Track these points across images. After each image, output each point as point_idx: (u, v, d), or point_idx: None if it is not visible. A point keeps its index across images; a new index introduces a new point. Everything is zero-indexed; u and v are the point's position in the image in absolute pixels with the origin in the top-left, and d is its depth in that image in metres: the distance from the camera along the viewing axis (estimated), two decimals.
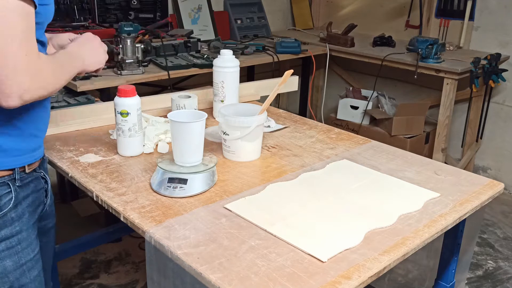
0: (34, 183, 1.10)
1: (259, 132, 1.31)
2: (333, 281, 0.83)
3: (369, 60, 3.09)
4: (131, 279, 2.22)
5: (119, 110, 1.28)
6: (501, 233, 2.73)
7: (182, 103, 1.51)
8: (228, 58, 1.57)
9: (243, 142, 1.29)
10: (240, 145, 1.29)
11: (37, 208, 1.12)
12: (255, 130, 1.28)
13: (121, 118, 1.28)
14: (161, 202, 1.09)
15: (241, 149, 1.30)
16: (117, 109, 1.28)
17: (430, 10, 3.33)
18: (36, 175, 1.10)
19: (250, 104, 1.44)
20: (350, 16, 3.78)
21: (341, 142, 1.48)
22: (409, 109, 3.10)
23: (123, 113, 1.27)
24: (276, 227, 0.98)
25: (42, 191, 1.14)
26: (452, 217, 1.06)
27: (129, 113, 1.27)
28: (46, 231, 1.22)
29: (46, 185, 1.15)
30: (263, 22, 3.52)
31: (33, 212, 1.09)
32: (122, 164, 1.28)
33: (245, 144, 1.29)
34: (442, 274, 1.32)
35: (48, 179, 1.16)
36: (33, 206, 1.09)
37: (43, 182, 1.14)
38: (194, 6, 3.16)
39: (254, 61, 2.85)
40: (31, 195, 1.08)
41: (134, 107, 1.28)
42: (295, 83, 1.95)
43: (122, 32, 2.20)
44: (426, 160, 1.37)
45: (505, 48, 3.03)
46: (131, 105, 1.27)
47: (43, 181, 1.14)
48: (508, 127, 3.14)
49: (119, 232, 2.12)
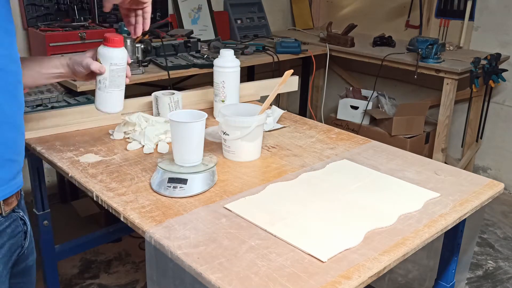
0: (11, 228, 0.95)
1: (259, 132, 1.31)
2: (333, 281, 0.83)
3: (369, 60, 3.10)
4: (131, 279, 2.22)
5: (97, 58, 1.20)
6: (501, 233, 2.73)
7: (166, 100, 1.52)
8: (228, 58, 1.57)
9: (243, 142, 1.29)
10: (240, 145, 1.29)
11: (12, 255, 0.97)
12: (255, 130, 1.28)
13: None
14: (161, 202, 1.09)
15: (241, 149, 1.30)
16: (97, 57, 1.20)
17: (430, 10, 3.33)
18: (14, 216, 0.96)
19: (251, 104, 1.44)
20: (350, 16, 3.78)
21: (341, 142, 1.48)
22: (409, 109, 3.10)
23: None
24: (276, 227, 0.98)
25: (21, 234, 0.99)
26: (452, 217, 1.06)
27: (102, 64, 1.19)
28: (26, 271, 1.08)
29: (25, 227, 1.00)
30: (263, 22, 3.52)
31: (7, 262, 0.95)
32: (122, 164, 1.28)
33: (245, 144, 1.29)
34: (442, 274, 1.32)
35: (26, 220, 1.00)
36: (8, 255, 0.95)
37: (21, 224, 0.98)
38: (194, 6, 3.16)
39: (254, 61, 2.85)
40: (8, 242, 0.94)
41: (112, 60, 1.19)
42: (295, 83, 1.95)
43: (122, 32, 2.21)
44: (426, 160, 1.37)
45: (505, 48, 3.03)
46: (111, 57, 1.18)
47: (21, 222, 0.98)
48: (508, 127, 3.14)
49: (119, 232, 2.12)
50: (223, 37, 3.23)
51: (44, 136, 1.43)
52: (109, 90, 1.22)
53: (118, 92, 1.24)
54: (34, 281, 1.14)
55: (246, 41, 3.21)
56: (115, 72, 1.20)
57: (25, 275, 1.08)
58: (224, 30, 3.32)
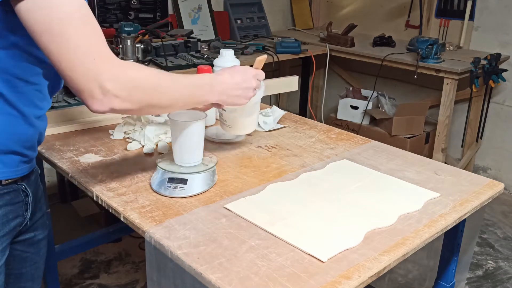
0: (10, 196, 1.02)
1: (256, 107, 1.30)
2: (333, 281, 0.83)
3: (369, 60, 3.10)
4: (131, 279, 2.22)
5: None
6: (501, 233, 2.73)
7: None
8: (228, 58, 1.57)
9: (240, 117, 1.28)
10: (236, 119, 1.29)
11: (10, 222, 1.03)
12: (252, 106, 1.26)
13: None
14: (161, 202, 1.09)
15: (237, 123, 1.29)
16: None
17: (430, 10, 3.33)
18: (15, 187, 1.03)
19: None
20: (350, 16, 3.78)
21: (341, 142, 1.48)
22: (409, 109, 3.10)
23: None
24: (276, 227, 0.98)
25: (21, 204, 1.06)
26: (452, 217, 1.06)
27: None
28: (34, 243, 1.17)
29: (27, 199, 1.07)
30: (263, 22, 3.52)
31: (1, 226, 1.01)
32: (122, 164, 1.28)
33: (241, 118, 1.28)
34: (442, 274, 1.32)
35: (29, 192, 1.07)
36: (2, 219, 1.01)
37: (22, 196, 1.05)
38: (194, 6, 3.16)
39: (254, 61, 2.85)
40: (3, 207, 1.00)
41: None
42: (295, 83, 1.95)
43: (122, 32, 2.21)
44: (426, 160, 1.37)
45: (505, 48, 3.03)
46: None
47: (23, 194, 1.05)
48: (508, 127, 3.14)
49: (119, 232, 2.12)
50: (223, 37, 3.23)
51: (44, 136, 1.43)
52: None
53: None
54: (44, 256, 1.23)
55: (246, 41, 3.21)
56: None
57: (32, 246, 1.16)
58: (224, 30, 3.32)
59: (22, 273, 1.17)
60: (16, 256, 1.13)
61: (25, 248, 1.15)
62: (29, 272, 1.19)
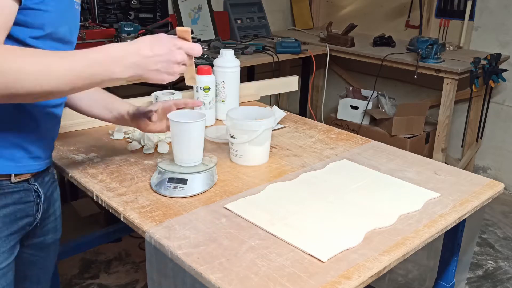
0: (20, 195, 1.00)
1: (267, 136, 1.29)
2: (333, 281, 0.83)
3: (369, 60, 3.10)
4: (131, 279, 2.22)
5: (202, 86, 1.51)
6: (501, 233, 2.73)
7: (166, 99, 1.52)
8: (229, 58, 1.58)
9: (251, 146, 1.26)
10: (247, 149, 1.26)
11: (18, 220, 1.02)
12: (263, 134, 1.25)
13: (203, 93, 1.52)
14: (161, 202, 1.09)
15: (249, 153, 1.27)
16: (200, 86, 1.51)
17: (430, 10, 3.33)
18: (26, 186, 1.01)
19: (259, 107, 1.42)
20: (350, 16, 3.78)
21: (341, 142, 1.48)
22: (409, 109, 3.10)
23: (206, 88, 1.52)
24: (276, 227, 0.98)
25: (32, 204, 1.04)
26: (452, 217, 1.06)
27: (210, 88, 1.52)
28: (44, 247, 1.16)
29: (38, 200, 1.05)
30: (263, 22, 3.52)
31: (10, 224, 0.99)
32: (122, 164, 1.28)
33: (253, 148, 1.27)
34: (442, 274, 1.32)
35: (41, 193, 1.06)
36: (11, 217, 0.99)
37: (34, 196, 1.04)
38: (194, 6, 3.16)
39: (254, 61, 2.85)
40: (12, 205, 0.98)
41: (213, 83, 1.54)
42: (295, 83, 1.95)
43: (122, 32, 2.21)
44: (426, 160, 1.37)
45: (505, 48, 3.03)
46: (210, 82, 1.52)
47: (34, 194, 1.04)
48: (508, 127, 3.14)
49: (119, 232, 2.12)
50: (223, 37, 3.23)
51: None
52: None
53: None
54: (54, 260, 1.23)
55: (246, 41, 3.21)
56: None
57: (42, 250, 1.16)
58: (224, 30, 3.32)
59: (26, 275, 1.16)
60: (23, 258, 1.12)
61: (35, 252, 1.14)
62: (36, 275, 1.18)
